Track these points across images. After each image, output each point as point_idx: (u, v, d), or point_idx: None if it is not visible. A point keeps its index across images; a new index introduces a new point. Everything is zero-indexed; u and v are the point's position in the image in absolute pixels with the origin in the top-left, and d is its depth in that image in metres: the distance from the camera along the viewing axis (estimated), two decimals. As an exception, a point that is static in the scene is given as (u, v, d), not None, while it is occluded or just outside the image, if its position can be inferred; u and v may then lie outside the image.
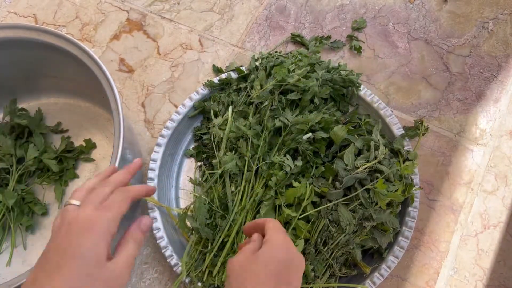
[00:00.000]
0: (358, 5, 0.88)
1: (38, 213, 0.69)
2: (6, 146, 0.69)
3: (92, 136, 0.75)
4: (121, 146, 0.55)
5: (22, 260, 0.67)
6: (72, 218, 0.37)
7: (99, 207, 0.39)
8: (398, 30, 0.85)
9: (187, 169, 0.73)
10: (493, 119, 0.76)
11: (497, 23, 0.85)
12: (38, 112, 0.75)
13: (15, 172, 0.69)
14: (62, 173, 0.72)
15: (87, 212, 0.38)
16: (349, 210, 0.59)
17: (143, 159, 0.74)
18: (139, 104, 0.80)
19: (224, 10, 0.89)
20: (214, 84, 0.73)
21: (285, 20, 0.87)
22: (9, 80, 0.74)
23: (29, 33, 0.64)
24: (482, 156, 0.73)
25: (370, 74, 0.81)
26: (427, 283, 0.65)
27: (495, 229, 0.68)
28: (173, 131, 0.70)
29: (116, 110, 0.57)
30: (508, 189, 0.71)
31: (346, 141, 0.65)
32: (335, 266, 0.59)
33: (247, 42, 0.85)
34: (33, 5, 0.91)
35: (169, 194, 0.70)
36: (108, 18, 0.89)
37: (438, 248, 0.67)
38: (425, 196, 0.70)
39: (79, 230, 0.36)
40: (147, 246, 0.68)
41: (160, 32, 0.87)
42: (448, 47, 0.83)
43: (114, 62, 0.84)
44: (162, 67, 0.83)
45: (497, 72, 0.80)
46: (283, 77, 0.65)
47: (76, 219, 0.37)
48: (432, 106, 0.77)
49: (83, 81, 0.73)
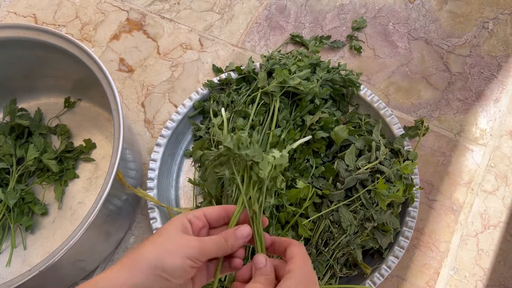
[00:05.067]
0: (358, 5, 0.88)
1: (38, 213, 0.69)
2: (6, 146, 0.69)
3: (92, 136, 0.75)
4: (121, 146, 0.55)
5: (22, 260, 0.67)
6: None
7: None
8: (398, 30, 0.85)
9: (187, 169, 0.73)
10: (493, 119, 0.76)
11: (497, 23, 0.85)
12: (38, 112, 0.75)
13: (15, 172, 0.69)
14: (62, 173, 0.72)
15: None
16: (350, 210, 0.59)
17: (143, 159, 0.74)
18: (139, 104, 0.80)
19: (224, 10, 0.89)
20: (214, 84, 0.73)
21: (285, 20, 0.87)
22: (9, 80, 0.74)
23: (29, 33, 0.64)
24: (482, 156, 0.73)
25: (370, 74, 0.81)
26: (427, 283, 0.65)
27: (495, 229, 0.68)
28: (173, 131, 0.70)
29: (116, 110, 0.57)
30: (508, 189, 0.71)
31: (346, 141, 0.65)
32: (336, 266, 0.59)
33: (247, 42, 0.85)
34: (32, 5, 0.91)
35: (169, 194, 0.70)
36: (108, 18, 0.88)
37: (438, 248, 0.67)
38: (425, 196, 0.70)
39: None
40: (147, 246, 0.68)
41: (160, 32, 0.87)
42: (448, 47, 0.82)
43: (114, 62, 0.84)
44: (162, 67, 0.83)
45: (497, 72, 0.80)
46: (284, 78, 0.65)
47: None
48: (432, 106, 0.77)
49: (83, 81, 0.73)
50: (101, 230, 0.61)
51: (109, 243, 0.66)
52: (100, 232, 0.61)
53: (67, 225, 0.69)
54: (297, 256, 0.36)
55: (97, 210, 0.51)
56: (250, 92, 0.70)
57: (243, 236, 0.39)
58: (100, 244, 0.63)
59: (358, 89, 0.71)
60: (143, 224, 0.70)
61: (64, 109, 0.77)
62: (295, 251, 0.37)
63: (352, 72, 0.72)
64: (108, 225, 0.61)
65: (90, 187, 0.71)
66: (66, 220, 0.69)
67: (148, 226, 0.69)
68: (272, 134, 0.64)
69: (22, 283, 0.49)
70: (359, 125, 0.69)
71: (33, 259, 0.67)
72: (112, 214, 0.60)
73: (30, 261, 0.67)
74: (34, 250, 0.68)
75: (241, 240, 0.38)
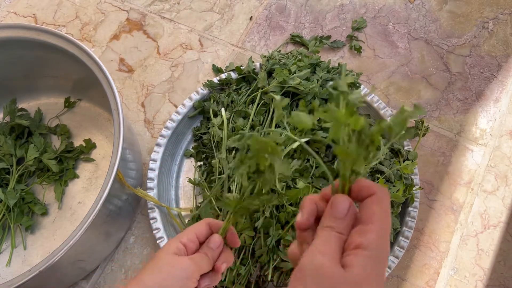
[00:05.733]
0: (358, 5, 0.88)
1: (38, 213, 0.69)
2: (6, 146, 0.69)
3: (92, 136, 0.75)
4: (121, 146, 0.55)
5: (22, 260, 0.67)
6: None
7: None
8: (398, 30, 0.85)
9: (187, 169, 0.73)
10: (493, 119, 0.76)
11: (497, 23, 0.85)
12: (38, 112, 0.75)
13: (15, 172, 0.69)
14: (62, 173, 0.72)
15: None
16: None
17: (143, 159, 0.74)
18: (139, 104, 0.80)
19: (224, 10, 0.89)
20: (214, 84, 0.73)
21: (285, 20, 0.87)
22: (9, 80, 0.74)
23: (29, 33, 0.64)
24: (482, 156, 0.73)
25: (370, 74, 0.81)
26: (427, 283, 0.65)
27: (495, 229, 0.68)
28: (173, 131, 0.70)
29: (116, 110, 0.57)
30: (508, 189, 0.71)
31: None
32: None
33: (247, 42, 0.85)
34: (32, 5, 0.91)
35: (169, 194, 0.70)
36: (108, 18, 0.88)
37: (438, 248, 0.67)
38: (425, 196, 0.70)
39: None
40: (147, 246, 0.68)
41: (160, 32, 0.87)
42: (448, 47, 0.82)
43: (114, 62, 0.84)
44: (162, 67, 0.83)
45: (497, 72, 0.80)
46: (284, 78, 0.65)
47: None
48: (432, 106, 0.77)
49: (83, 81, 0.73)
50: (101, 230, 0.61)
51: (109, 243, 0.66)
52: (100, 232, 0.61)
53: (67, 225, 0.69)
54: (376, 224, 0.27)
55: (97, 210, 0.51)
56: (250, 92, 0.70)
57: (216, 245, 0.41)
58: (100, 244, 0.63)
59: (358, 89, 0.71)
60: (143, 224, 0.70)
61: (64, 109, 0.77)
62: (376, 212, 0.28)
63: (352, 72, 0.72)
64: (108, 225, 0.61)
65: (90, 187, 0.71)
66: (66, 220, 0.69)
67: (148, 226, 0.69)
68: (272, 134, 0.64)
69: (22, 283, 0.49)
70: (359, 125, 0.69)
71: (33, 259, 0.67)
72: (112, 214, 0.60)
73: (30, 261, 0.67)
74: (34, 250, 0.68)
75: (216, 249, 0.41)
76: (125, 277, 0.66)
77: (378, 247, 0.27)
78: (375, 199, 0.29)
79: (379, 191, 0.29)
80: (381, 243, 0.27)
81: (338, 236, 0.28)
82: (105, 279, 0.66)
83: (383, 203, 0.29)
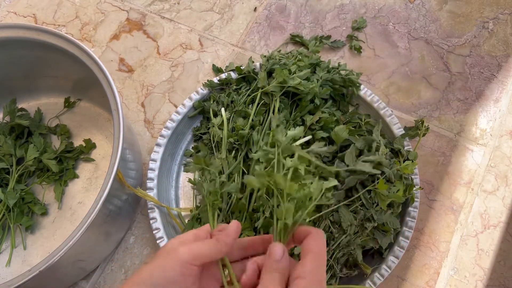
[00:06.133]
0: (358, 5, 0.88)
1: (38, 213, 0.69)
2: (6, 146, 0.69)
3: (92, 136, 0.75)
4: (120, 146, 0.55)
5: (22, 260, 0.67)
6: None
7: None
8: (398, 30, 0.85)
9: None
10: (493, 119, 0.76)
11: (497, 23, 0.85)
12: (38, 112, 0.75)
13: (15, 172, 0.69)
14: (62, 173, 0.72)
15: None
16: (350, 211, 0.59)
17: (143, 159, 0.74)
18: (139, 104, 0.80)
19: (224, 10, 0.89)
20: (214, 84, 0.73)
21: (285, 20, 0.87)
22: (9, 80, 0.74)
23: (29, 33, 0.64)
24: (482, 156, 0.73)
25: (370, 74, 0.81)
26: (427, 283, 0.65)
27: (495, 229, 0.68)
28: (173, 131, 0.70)
29: (116, 110, 0.57)
30: (508, 189, 0.71)
31: (346, 141, 0.65)
32: (336, 266, 0.59)
33: (247, 42, 0.85)
34: (32, 5, 0.91)
35: (169, 194, 0.70)
36: (107, 18, 0.88)
37: (438, 248, 0.67)
38: (425, 196, 0.70)
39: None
40: (147, 246, 0.68)
41: (160, 32, 0.87)
42: (448, 47, 0.82)
43: (114, 62, 0.84)
44: (162, 67, 0.83)
45: (497, 72, 0.80)
46: (284, 78, 0.65)
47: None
48: (432, 106, 0.77)
49: (83, 81, 0.73)
50: (101, 230, 0.61)
51: (109, 243, 0.66)
52: (100, 232, 0.61)
53: (67, 225, 0.69)
54: (311, 256, 0.33)
55: (97, 210, 0.51)
56: (250, 92, 0.70)
57: (233, 230, 0.38)
58: (100, 244, 0.63)
59: (358, 89, 0.71)
60: (143, 224, 0.70)
61: (64, 109, 0.77)
62: (312, 247, 0.33)
63: (352, 72, 0.72)
64: (108, 225, 0.61)
65: (90, 187, 0.71)
66: (66, 220, 0.69)
67: (148, 226, 0.69)
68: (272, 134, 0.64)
69: (22, 283, 0.49)
70: (359, 125, 0.69)
71: (33, 259, 0.67)
72: (112, 214, 0.60)
73: (30, 261, 0.67)
74: (34, 250, 0.68)
75: (231, 235, 0.37)
76: (125, 277, 0.66)
77: (315, 275, 0.32)
78: (310, 237, 0.35)
79: (314, 231, 0.35)
80: (317, 271, 0.33)
81: (279, 275, 0.33)
82: (105, 279, 0.66)
83: (317, 239, 0.34)
